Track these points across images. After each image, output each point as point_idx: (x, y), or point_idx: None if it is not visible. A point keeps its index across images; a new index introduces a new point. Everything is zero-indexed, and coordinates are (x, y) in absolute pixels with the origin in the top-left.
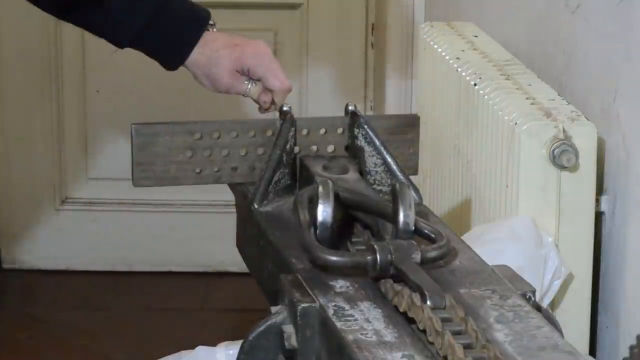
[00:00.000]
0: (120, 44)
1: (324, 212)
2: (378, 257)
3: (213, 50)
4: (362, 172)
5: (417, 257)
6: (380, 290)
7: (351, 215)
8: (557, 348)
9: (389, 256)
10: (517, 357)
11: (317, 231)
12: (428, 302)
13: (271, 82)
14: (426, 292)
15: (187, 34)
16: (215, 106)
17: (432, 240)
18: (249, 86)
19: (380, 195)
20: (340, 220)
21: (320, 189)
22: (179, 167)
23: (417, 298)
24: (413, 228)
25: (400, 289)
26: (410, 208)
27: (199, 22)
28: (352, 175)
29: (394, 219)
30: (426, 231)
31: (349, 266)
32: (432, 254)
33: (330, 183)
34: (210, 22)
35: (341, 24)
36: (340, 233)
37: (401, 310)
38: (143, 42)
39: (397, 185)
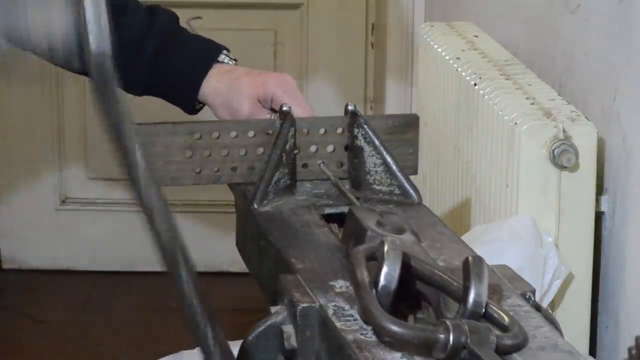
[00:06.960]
0: (132, 91)
1: (388, 275)
2: (451, 336)
3: (233, 78)
4: (363, 174)
5: (493, 343)
6: None
7: (406, 281)
8: (557, 348)
9: (464, 338)
10: (517, 357)
11: (377, 294)
12: None
13: (296, 112)
14: None
15: (195, 69)
16: None
17: (502, 327)
18: (272, 117)
19: (380, 195)
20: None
21: (387, 248)
22: (179, 167)
23: None
24: (484, 310)
25: None
26: (484, 286)
27: (207, 55)
28: (408, 236)
29: (463, 296)
30: (496, 315)
31: (416, 342)
32: (508, 342)
33: (399, 243)
34: (228, 59)
35: (341, 24)
36: (394, 300)
37: None
38: (154, 87)
39: (471, 259)
